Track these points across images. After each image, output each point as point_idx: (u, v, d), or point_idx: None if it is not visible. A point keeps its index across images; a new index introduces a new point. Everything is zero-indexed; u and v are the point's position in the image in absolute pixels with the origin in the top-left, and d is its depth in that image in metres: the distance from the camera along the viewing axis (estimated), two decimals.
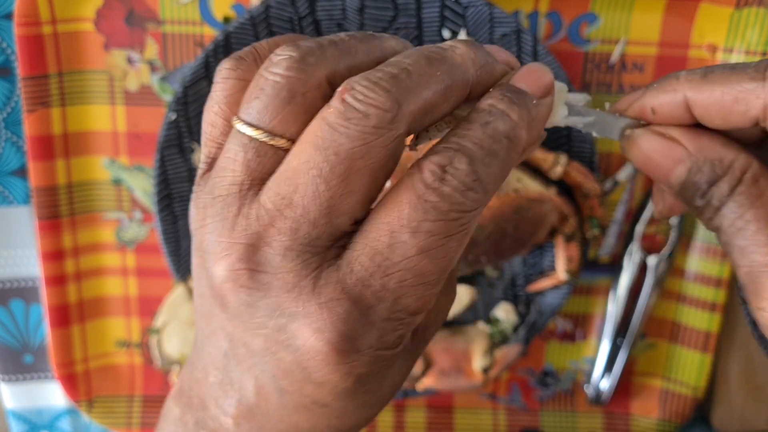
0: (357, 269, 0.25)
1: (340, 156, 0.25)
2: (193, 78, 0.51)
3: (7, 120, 0.55)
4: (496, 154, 0.26)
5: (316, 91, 0.26)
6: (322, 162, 0.25)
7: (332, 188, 0.25)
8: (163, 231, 0.54)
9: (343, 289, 0.25)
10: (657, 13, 0.53)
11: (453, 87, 0.27)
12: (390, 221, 0.25)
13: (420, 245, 0.25)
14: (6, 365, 0.60)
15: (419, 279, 0.25)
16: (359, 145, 0.25)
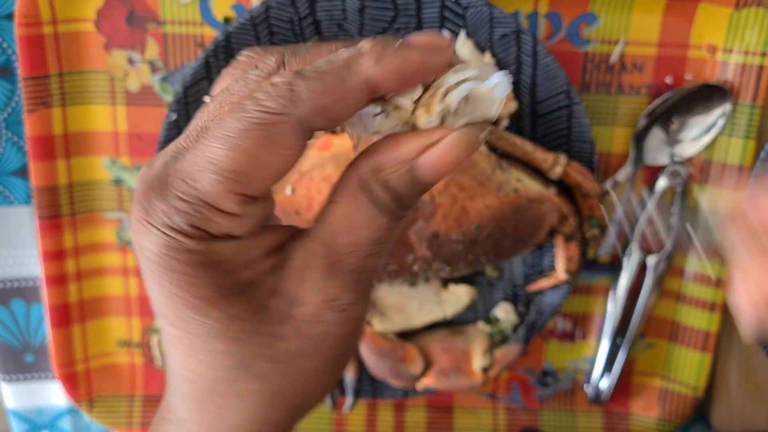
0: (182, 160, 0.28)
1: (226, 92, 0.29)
2: (193, 78, 0.51)
3: (7, 120, 0.55)
4: (324, 72, 0.27)
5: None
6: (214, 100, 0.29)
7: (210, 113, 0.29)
8: None
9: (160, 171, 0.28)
10: (656, 14, 0.53)
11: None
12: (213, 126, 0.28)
13: (216, 134, 0.27)
14: (7, 365, 0.60)
15: (209, 165, 0.27)
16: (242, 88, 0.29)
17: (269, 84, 0.27)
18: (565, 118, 0.53)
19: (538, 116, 0.53)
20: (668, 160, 0.56)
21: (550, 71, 0.52)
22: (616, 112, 0.55)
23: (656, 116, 0.55)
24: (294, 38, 0.51)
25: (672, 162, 0.56)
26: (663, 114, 0.55)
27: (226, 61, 0.51)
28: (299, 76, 0.27)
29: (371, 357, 0.56)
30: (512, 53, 0.51)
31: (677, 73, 0.54)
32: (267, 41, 0.51)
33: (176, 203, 0.27)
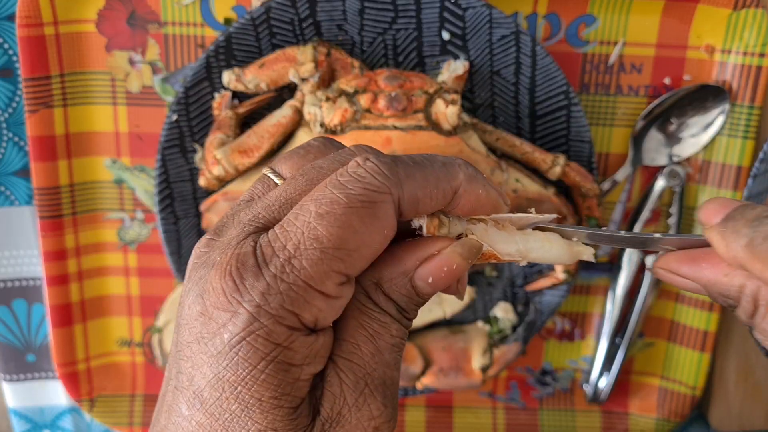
0: (270, 235, 0.28)
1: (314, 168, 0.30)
2: (194, 79, 0.52)
3: (9, 121, 0.55)
4: (425, 165, 0.29)
5: None
6: (299, 176, 0.30)
7: (296, 187, 0.30)
8: (165, 231, 0.55)
9: (252, 247, 0.27)
10: (655, 15, 0.53)
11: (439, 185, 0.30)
12: (304, 199, 0.28)
13: (318, 211, 0.27)
14: (8, 364, 0.60)
15: (314, 242, 0.27)
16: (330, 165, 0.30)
17: (370, 163, 0.28)
18: (564, 118, 0.53)
19: (537, 117, 0.53)
20: (667, 160, 0.56)
21: (549, 72, 0.52)
22: (614, 112, 0.55)
23: (655, 117, 0.55)
24: (294, 39, 0.51)
25: (670, 162, 0.56)
26: (661, 114, 0.55)
27: (226, 61, 0.51)
28: (400, 164, 0.28)
29: None
30: (511, 54, 0.52)
31: (676, 73, 0.54)
32: (267, 42, 0.51)
33: (275, 282, 0.26)
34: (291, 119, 0.51)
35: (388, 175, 0.28)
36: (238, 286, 0.27)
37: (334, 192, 0.27)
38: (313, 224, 0.27)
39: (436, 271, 0.30)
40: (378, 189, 0.27)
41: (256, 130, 0.51)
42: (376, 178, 0.28)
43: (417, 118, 0.48)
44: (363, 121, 0.48)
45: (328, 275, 0.27)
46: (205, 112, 0.53)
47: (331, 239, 0.27)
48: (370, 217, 0.27)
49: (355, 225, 0.27)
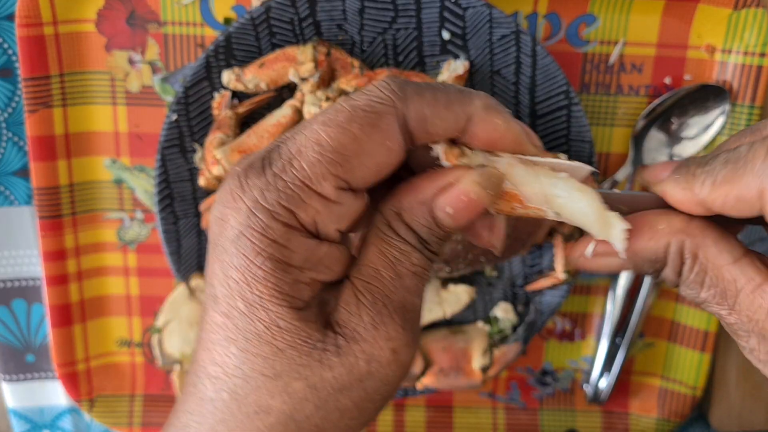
0: (282, 138, 0.29)
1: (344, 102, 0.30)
2: (193, 79, 0.52)
3: (8, 120, 0.55)
4: (437, 89, 0.29)
5: None
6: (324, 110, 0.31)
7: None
8: (164, 231, 0.54)
9: (267, 151, 0.29)
10: (655, 15, 0.53)
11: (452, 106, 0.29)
12: (320, 112, 0.29)
13: (323, 119, 0.28)
14: (7, 364, 0.60)
15: (314, 145, 0.28)
16: None
17: (381, 80, 0.29)
18: (564, 118, 0.53)
19: (537, 116, 0.53)
20: (667, 160, 0.56)
21: (549, 72, 0.52)
22: (615, 112, 0.55)
23: (655, 116, 0.55)
24: (294, 39, 0.51)
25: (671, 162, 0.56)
26: (662, 114, 0.55)
27: (226, 61, 0.51)
28: (411, 84, 0.29)
29: None
30: (512, 54, 0.51)
31: (676, 73, 0.54)
32: (267, 42, 0.51)
33: (273, 180, 0.28)
34: (291, 119, 0.50)
35: (395, 90, 0.28)
36: (242, 183, 0.28)
37: (341, 104, 0.28)
38: (317, 129, 0.28)
39: (454, 200, 0.29)
40: (382, 101, 0.28)
41: (255, 130, 0.51)
42: (382, 91, 0.28)
43: None
44: None
45: (324, 176, 0.28)
46: (204, 112, 0.53)
47: (330, 142, 0.28)
48: (370, 126, 0.28)
49: (355, 131, 0.28)
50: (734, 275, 0.29)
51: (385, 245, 0.30)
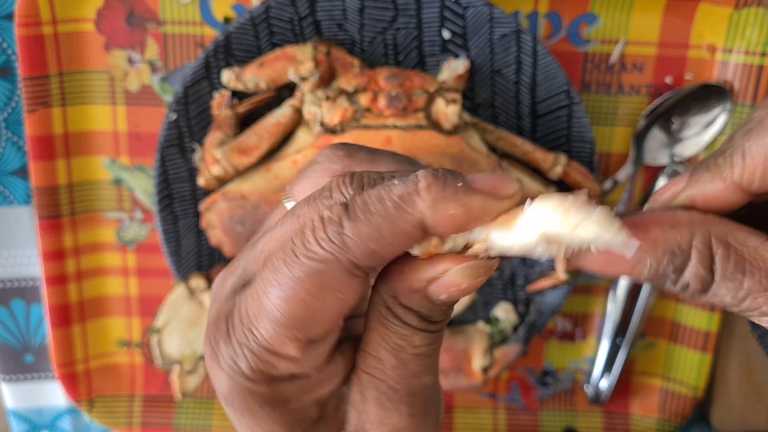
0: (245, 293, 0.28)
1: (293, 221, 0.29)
2: (193, 78, 0.51)
3: (7, 120, 0.55)
4: (374, 213, 0.26)
5: None
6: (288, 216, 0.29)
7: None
8: (164, 231, 0.54)
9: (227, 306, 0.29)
10: (656, 14, 0.53)
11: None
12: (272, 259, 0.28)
13: (271, 282, 0.27)
14: (6, 365, 0.60)
15: (269, 314, 0.27)
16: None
17: (320, 222, 0.26)
18: (565, 118, 0.53)
19: (538, 116, 0.53)
20: (668, 160, 0.56)
21: (550, 71, 0.52)
22: (616, 111, 0.55)
23: (656, 116, 0.55)
24: (294, 38, 0.51)
25: (672, 162, 0.56)
26: (663, 114, 0.55)
27: (225, 61, 0.51)
28: (348, 218, 0.26)
29: None
30: (512, 53, 0.51)
31: (677, 72, 0.54)
32: (267, 41, 0.51)
33: (240, 349, 0.28)
34: (291, 118, 0.50)
35: (333, 241, 0.26)
36: (214, 349, 0.29)
37: (284, 263, 0.27)
38: (267, 298, 0.27)
39: (447, 289, 0.28)
40: (322, 259, 0.26)
41: (255, 130, 0.51)
42: (321, 246, 0.26)
43: (417, 117, 0.47)
44: (363, 120, 0.47)
45: (285, 343, 0.27)
46: (204, 112, 0.53)
47: (282, 313, 0.27)
48: (318, 289, 0.26)
49: (304, 298, 0.26)
50: None
51: (385, 330, 0.29)
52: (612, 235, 0.26)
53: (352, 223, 0.26)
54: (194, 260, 0.56)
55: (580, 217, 0.26)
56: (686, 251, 0.27)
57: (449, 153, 0.47)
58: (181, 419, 0.60)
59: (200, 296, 0.56)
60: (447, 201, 0.26)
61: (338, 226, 0.26)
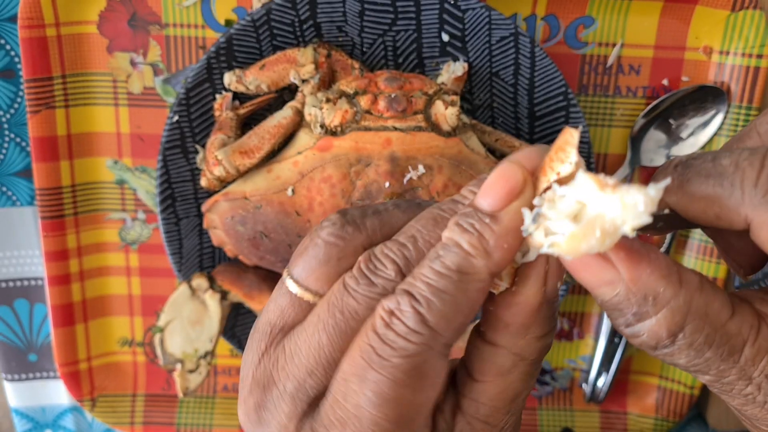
0: (323, 418, 0.27)
1: (344, 314, 0.27)
2: (195, 80, 0.52)
3: (11, 121, 0.55)
4: (444, 291, 0.26)
5: (352, 258, 0.28)
6: (328, 318, 0.27)
7: (332, 343, 0.27)
8: (166, 231, 0.55)
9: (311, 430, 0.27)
10: (653, 16, 0.53)
11: None
12: (345, 369, 0.26)
13: (368, 395, 0.25)
14: (10, 364, 0.61)
15: (373, 428, 0.26)
16: (364, 306, 0.27)
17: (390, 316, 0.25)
18: (562, 119, 0.53)
19: (536, 118, 0.54)
20: (665, 161, 0.56)
21: (547, 73, 0.52)
22: (613, 113, 0.56)
23: (653, 118, 0.55)
24: (295, 41, 0.52)
25: None
26: (660, 115, 0.55)
27: (227, 63, 0.52)
28: (421, 305, 0.25)
29: None
30: (510, 55, 0.52)
31: (674, 74, 0.55)
32: (268, 44, 0.52)
33: None
34: (292, 120, 0.51)
35: (419, 331, 0.25)
36: None
37: (370, 368, 0.25)
38: (367, 410, 0.25)
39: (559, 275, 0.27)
40: (416, 352, 0.25)
41: (257, 131, 0.51)
42: (409, 340, 0.25)
43: (417, 119, 0.48)
44: (363, 122, 0.48)
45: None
46: (206, 113, 0.53)
47: (390, 420, 0.26)
48: (419, 382, 0.26)
49: (408, 397, 0.26)
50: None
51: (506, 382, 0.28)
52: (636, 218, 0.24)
53: (429, 310, 0.25)
54: (196, 260, 0.56)
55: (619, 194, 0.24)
56: (659, 306, 0.26)
57: (448, 154, 0.48)
58: (183, 418, 0.61)
59: (202, 296, 0.56)
60: (496, 245, 0.26)
61: (417, 315, 0.25)
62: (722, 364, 0.26)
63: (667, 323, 0.26)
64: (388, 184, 0.47)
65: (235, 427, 0.61)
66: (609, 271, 0.26)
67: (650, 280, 0.26)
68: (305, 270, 0.28)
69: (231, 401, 0.62)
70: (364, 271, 0.27)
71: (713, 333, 0.26)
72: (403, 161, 0.47)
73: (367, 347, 0.26)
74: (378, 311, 0.26)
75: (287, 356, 0.28)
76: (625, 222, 0.24)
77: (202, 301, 0.57)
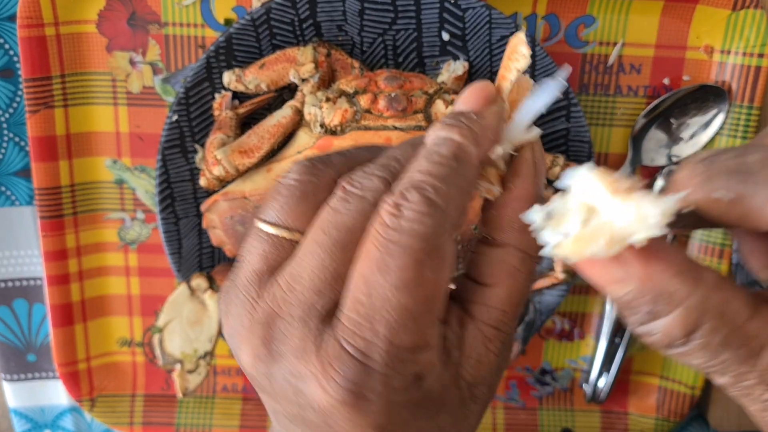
0: (348, 323, 0.27)
1: (340, 231, 0.28)
2: (194, 79, 0.52)
3: (10, 121, 0.55)
4: (446, 176, 0.27)
5: (325, 192, 0.29)
6: (324, 238, 0.28)
7: (335, 259, 0.27)
8: (165, 231, 0.55)
9: (340, 345, 0.27)
10: (654, 15, 0.53)
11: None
12: (362, 269, 0.27)
13: (394, 283, 0.26)
14: (9, 364, 0.61)
15: (405, 315, 0.26)
16: (359, 219, 0.28)
17: (394, 207, 0.27)
18: (563, 119, 0.53)
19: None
20: (666, 160, 0.56)
21: (548, 72, 0.52)
22: (614, 113, 0.56)
23: (654, 117, 0.55)
24: (294, 40, 0.52)
25: (670, 162, 0.56)
26: (661, 115, 0.55)
27: (226, 62, 0.52)
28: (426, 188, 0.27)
29: None
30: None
31: (675, 74, 0.55)
32: (268, 43, 0.51)
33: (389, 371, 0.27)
34: (291, 119, 0.51)
35: (433, 213, 0.27)
36: (358, 401, 0.27)
37: (389, 256, 0.26)
38: (395, 298, 0.26)
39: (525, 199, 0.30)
40: (433, 233, 0.26)
41: (256, 131, 0.51)
42: (424, 223, 0.26)
43: (417, 118, 0.48)
44: (363, 121, 0.48)
45: (425, 333, 0.27)
46: (205, 113, 0.53)
47: (418, 302, 0.26)
48: (439, 262, 0.27)
49: (430, 277, 0.26)
50: None
51: (515, 283, 0.30)
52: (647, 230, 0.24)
53: (435, 193, 0.27)
54: (195, 260, 0.56)
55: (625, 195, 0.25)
56: (674, 305, 0.26)
57: None
58: (183, 418, 0.61)
59: (201, 296, 0.56)
60: (483, 134, 0.29)
61: (426, 199, 0.26)
62: (741, 366, 0.26)
63: (681, 322, 0.25)
64: None
65: (235, 428, 0.61)
66: (619, 269, 0.26)
67: (663, 278, 0.25)
68: (282, 210, 0.29)
69: (230, 401, 0.62)
70: (351, 190, 0.28)
71: (731, 334, 0.26)
72: None
73: (383, 240, 0.26)
74: (383, 209, 0.27)
75: (285, 288, 0.28)
76: (636, 232, 0.24)
77: (202, 301, 0.57)
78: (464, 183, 0.28)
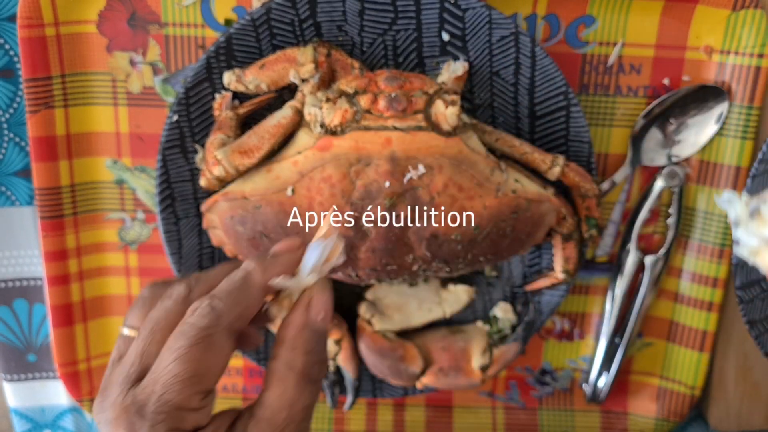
0: (143, 384, 0.37)
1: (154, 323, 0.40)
2: (194, 79, 0.52)
3: (10, 121, 0.55)
4: (230, 291, 0.39)
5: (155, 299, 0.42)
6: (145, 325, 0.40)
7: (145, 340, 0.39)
8: (165, 231, 0.55)
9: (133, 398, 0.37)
10: (654, 16, 0.53)
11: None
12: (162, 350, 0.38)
13: (173, 356, 0.37)
14: (9, 364, 0.61)
15: (174, 379, 0.36)
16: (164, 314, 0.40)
17: (192, 310, 0.38)
18: (563, 119, 0.53)
19: (536, 117, 0.53)
20: (665, 160, 0.56)
21: (548, 73, 0.52)
22: (613, 113, 0.56)
23: (654, 117, 0.55)
24: (294, 40, 0.52)
25: (669, 163, 0.56)
26: (660, 115, 0.55)
27: (227, 62, 0.52)
28: (215, 298, 0.38)
29: (371, 356, 0.56)
30: (511, 55, 0.52)
31: (675, 74, 0.55)
32: (268, 43, 0.52)
33: (156, 418, 0.36)
34: (291, 120, 0.51)
35: (210, 314, 0.38)
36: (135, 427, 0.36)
37: (180, 340, 0.37)
38: (171, 366, 0.36)
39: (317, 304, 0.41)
40: (207, 327, 0.37)
41: (256, 131, 0.51)
42: (203, 320, 0.37)
43: (417, 118, 0.48)
44: (363, 121, 0.48)
45: (192, 397, 0.37)
46: (205, 113, 0.53)
47: (185, 371, 0.36)
48: (207, 348, 0.37)
49: (199, 356, 0.37)
50: None
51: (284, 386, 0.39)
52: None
53: (220, 301, 0.38)
54: (196, 260, 0.56)
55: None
56: None
57: (448, 154, 0.48)
58: None
59: None
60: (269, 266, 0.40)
61: (210, 306, 0.38)
62: None
63: None
64: (388, 183, 0.47)
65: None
66: None
67: None
68: (131, 316, 0.42)
69: (230, 401, 0.62)
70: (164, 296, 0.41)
71: None
72: (403, 161, 0.47)
73: (178, 329, 0.38)
74: (189, 309, 0.38)
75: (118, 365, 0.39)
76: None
77: None
78: (243, 298, 0.39)
